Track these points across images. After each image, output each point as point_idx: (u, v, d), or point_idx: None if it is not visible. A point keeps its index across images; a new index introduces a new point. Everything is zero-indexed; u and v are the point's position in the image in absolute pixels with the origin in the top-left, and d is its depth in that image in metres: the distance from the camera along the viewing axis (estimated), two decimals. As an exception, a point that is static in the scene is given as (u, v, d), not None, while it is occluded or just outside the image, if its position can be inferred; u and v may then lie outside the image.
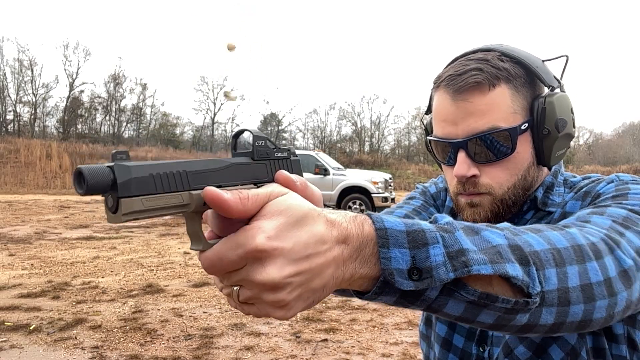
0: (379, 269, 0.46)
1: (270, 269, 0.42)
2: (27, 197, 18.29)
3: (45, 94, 33.64)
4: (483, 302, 0.50)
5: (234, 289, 0.45)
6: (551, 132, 0.80)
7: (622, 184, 0.77)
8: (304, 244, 0.43)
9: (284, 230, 0.43)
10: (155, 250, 8.15)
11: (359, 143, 39.33)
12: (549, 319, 0.54)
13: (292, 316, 0.45)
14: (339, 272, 0.46)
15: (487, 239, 0.51)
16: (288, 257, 0.42)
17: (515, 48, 0.84)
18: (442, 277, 0.47)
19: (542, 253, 0.54)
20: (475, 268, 0.47)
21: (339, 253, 0.45)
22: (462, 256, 0.48)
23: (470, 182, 0.82)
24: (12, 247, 8.13)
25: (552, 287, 0.53)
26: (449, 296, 0.49)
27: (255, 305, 0.45)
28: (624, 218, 0.67)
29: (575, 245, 0.58)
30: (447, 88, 0.81)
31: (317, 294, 0.46)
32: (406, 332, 4.38)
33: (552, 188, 0.86)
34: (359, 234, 0.46)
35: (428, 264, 0.46)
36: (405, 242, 0.47)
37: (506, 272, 0.49)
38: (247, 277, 0.43)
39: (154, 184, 0.42)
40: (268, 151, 0.52)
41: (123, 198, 0.40)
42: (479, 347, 0.86)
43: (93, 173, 0.39)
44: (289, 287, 0.43)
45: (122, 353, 3.79)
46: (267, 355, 3.81)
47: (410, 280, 0.46)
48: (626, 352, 0.76)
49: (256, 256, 0.42)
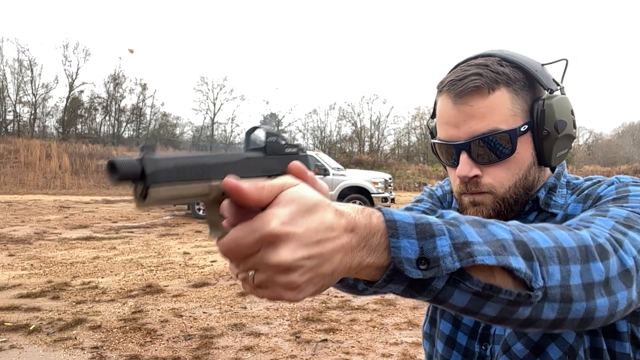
0: (388, 258, 0.49)
1: (283, 252, 0.44)
2: (27, 197, 18.30)
3: (45, 94, 33.60)
4: (487, 293, 0.52)
5: (249, 274, 0.47)
6: (551, 133, 0.83)
7: (622, 186, 0.79)
8: (315, 230, 0.46)
9: (296, 216, 0.45)
10: (155, 250, 8.16)
11: (359, 143, 39.32)
12: (550, 314, 0.56)
13: (302, 298, 0.48)
14: (347, 259, 0.48)
15: (493, 233, 0.54)
16: (300, 241, 0.45)
17: (515, 53, 0.87)
18: (449, 267, 0.49)
19: (547, 250, 0.56)
20: (480, 258, 0.50)
21: (347, 241, 0.48)
22: (467, 247, 0.50)
23: (472, 182, 0.84)
24: (12, 247, 8.14)
25: (555, 283, 0.55)
26: (454, 287, 0.51)
27: (269, 288, 0.47)
28: (625, 218, 0.68)
29: (582, 246, 0.59)
30: (448, 93, 0.84)
31: (327, 279, 0.48)
32: (406, 332, 4.39)
33: (554, 189, 0.88)
34: (366, 224, 0.49)
35: (435, 254, 0.49)
36: (414, 234, 0.49)
37: (509, 264, 0.51)
38: (261, 260, 0.45)
39: (178, 174, 0.46)
40: (279, 147, 0.56)
41: (151, 187, 0.44)
42: (481, 345, 0.88)
43: (125, 164, 0.43)
44: (300, 269, 0.45)
45: (122, 353, 3.79)
46: (267, 355, 3.81)
47: (418, 269, 0.49)
48: (630, 350, 0.77)
49: (270, 240, 0.44)
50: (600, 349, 0.77)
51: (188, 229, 10.92)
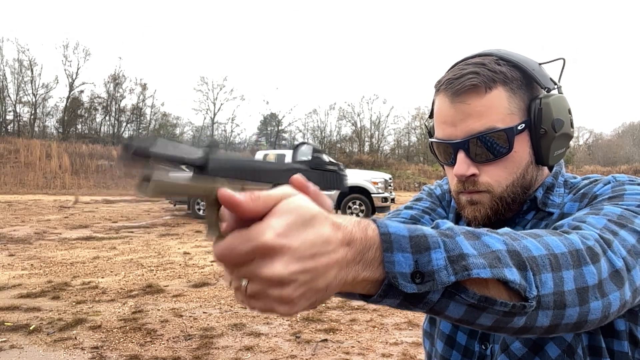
0: (382, 272, 0.48)
1: (277, 265, 0.43)
2: (27, 197, 18.30)
3: (45, 94, 33.64)
4: (482, 305, 0.52)
5: (243, 283, 0.47)
6: (548, 132, 0.83)
7: (618, 184, 0.79)
8: (311, 244, 0.45)
9: (292, 228, 0.44)
10: (155, 250, 8.15)
11: (359, 143, 39.32)
12: (545, 321, 0.56)
13: (295, 313, 0.47)
14: (342, 274, 0.47)
15: (487, 244, 0.53)
16: (295, 254, 0.44)
17: (513, 52, 0.87)
18: (444, 281, 0.49)
19: (540, 258, 0.56)
20: (475, 272, 0.50)
21: (343, 255, 0.47)
22: (462, 260, 0.50)
23: (470, 181, 0.84)
24: (12, 247, 8.14)
25: (548, 291, 0.55)
26: (450, 299, 0.51)
27: (261, 299, 0.46)
28: (618, 216, 0.69)
29: (573, 250, 0.59)
30: (446, 91, 0.84)
31: (320, 294, 0.47)
32: (406, 332, 4.39)
33: (552, 189, 0.88)
34: (362, 237, 0.48)
35: (430, 267, 0.48)
36: (408, 247, 0.49)
37: (504, 276, 0.51)
38: (255, 271, 0.44)
39: (234, 172, 0.50)
40: (322, 163, 0.60)
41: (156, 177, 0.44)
42: (481, 344, 0.88)
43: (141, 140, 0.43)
44: (294, 284, 0.44)
45: (122, 353, 3.79)
46: (267, 355, 3.81)
47: (413, 284, 0.48)
48: (628, 349, 0.77)
49: (264, 252, 0.44)
50: (599, 348, 0.77)
51: (188, 229, 10.92)
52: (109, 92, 35.73)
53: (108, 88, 35.74)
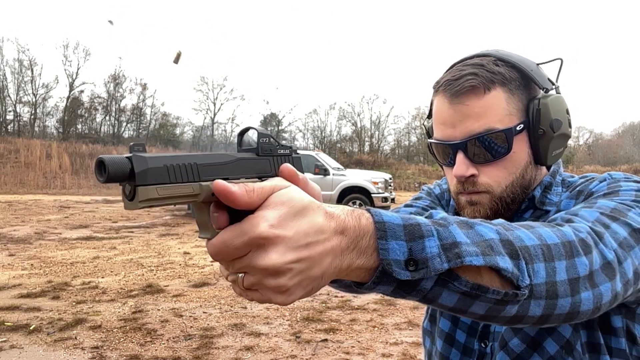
0: (377, 260, 0.49)
1: (272, 255, 0.45)
2: (27, 197, 18.30)
3: (45, 94, 33.60)
4: (475, 292, 0.52)
5: (239, 276, 0.48)
6: (546, 132, 0.83)
7: (614, 181, 0.79)
8: (304, 233, 0.46)
9: (286, 219, 0.45)
10: (155, 250, 8.16)
11: (359, 143, 39.30)
12: (537, 310, 0.57)
13: (291, 302, 0.48)
14: (337, 262, 0.48)
15: (480, 233, 0.54)
16: (289, 244, 0.45)
17: (511, 53, 0.87)
18: (437, 268, 0.50)
19: (532, 248, 0.57)
20: (468, 259, 0.50)
21: (337, 243, 0.48)
22: (455, 248, 0.51)
23: (469, 182, 0.85)
24: (12, 247, 8.14)
25: (541, 280, 0.56)
26: (443, 287, 0.52)
27: (259, 290, 0.47)
28: (611, 210, 0.69)
29: (566, 242, 0.60)
30: (444, 92, 0.84)
31: (316, 281, 0.48)
32: (406, 332, 4.39)
33: (550, 188, 0.89)
34: (355, 226, 0.49)
35: (424, 255, 0.49)
36: (403, 235, 0.50)
37: (497, 264, 0.52)
38: (250, 263, 0.45)
39: (167, 174, 0.45)
40: (272, 148, 0.56)
41: (140, 186, 0.43)
42: (480, 342, 0.88)
43: (113, 163, 0.42)
44: (289, 273, 0.45)
45: (122, 353, 3.80)
46: (267, 355, 3.81)
47: (407, 271, 0.49)
48: (625, 346, 0.77)
49: (259, 243, 0.45)
50: (597, 344, 0.77)
51: (188, 228, 10.92)
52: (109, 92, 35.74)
53: (108, 88, 35.76)
